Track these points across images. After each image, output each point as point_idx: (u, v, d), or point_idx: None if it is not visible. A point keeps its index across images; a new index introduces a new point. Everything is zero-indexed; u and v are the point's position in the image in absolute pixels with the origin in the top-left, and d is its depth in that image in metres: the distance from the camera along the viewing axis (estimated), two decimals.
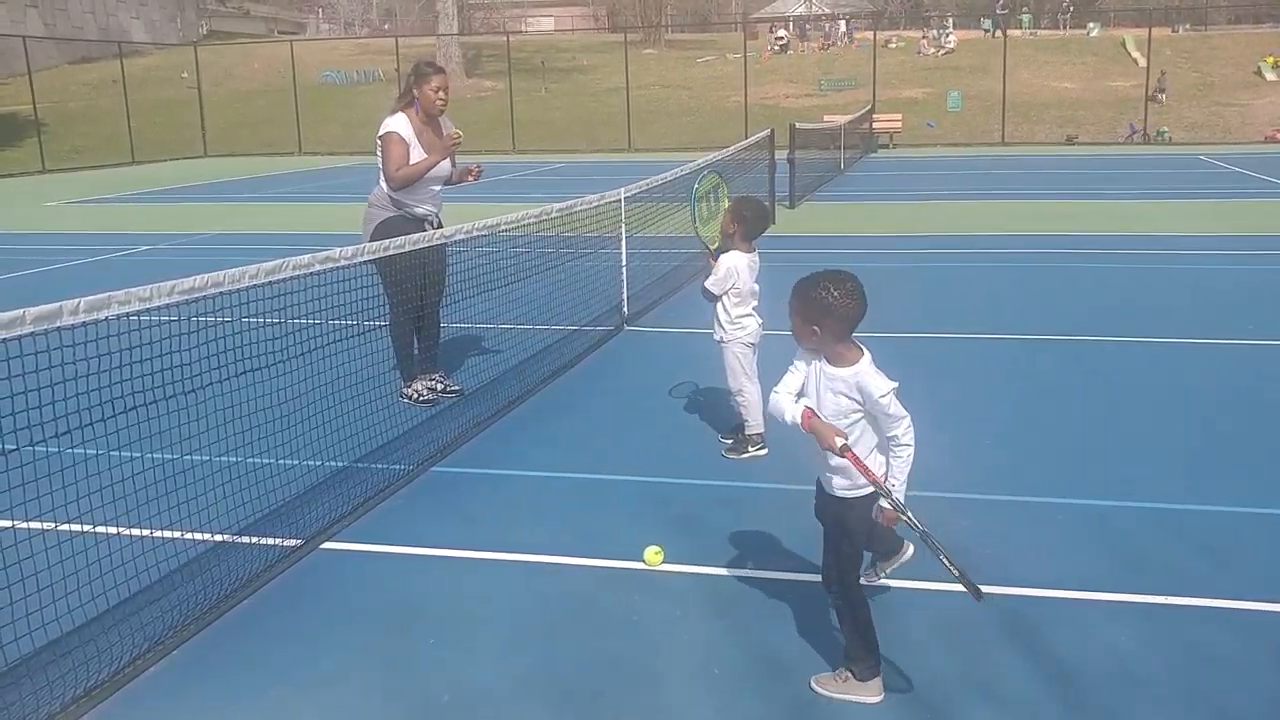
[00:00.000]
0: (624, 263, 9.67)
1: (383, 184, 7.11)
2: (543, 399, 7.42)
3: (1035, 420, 6.70)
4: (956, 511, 5.20)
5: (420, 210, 7.17)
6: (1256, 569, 4.61)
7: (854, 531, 3.74)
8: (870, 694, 3.71)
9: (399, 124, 7.00)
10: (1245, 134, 35.08)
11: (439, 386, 7.36)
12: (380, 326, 6.92)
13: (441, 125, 7.22)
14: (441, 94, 7.04)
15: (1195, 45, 46.02)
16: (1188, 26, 51.55)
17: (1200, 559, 4.72)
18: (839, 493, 3.73)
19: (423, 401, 7.21)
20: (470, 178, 7.47)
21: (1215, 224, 15.66)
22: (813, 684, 3.78)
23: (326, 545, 5.05)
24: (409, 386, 7.28)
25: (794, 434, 6.30)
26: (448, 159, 7.25)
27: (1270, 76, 40.76)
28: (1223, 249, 13.35)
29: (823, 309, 3.58)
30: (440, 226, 7.13)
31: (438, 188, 7.30)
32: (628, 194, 9.82)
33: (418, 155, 7.01)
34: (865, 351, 3.64)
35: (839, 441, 3.53)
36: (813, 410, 3.61)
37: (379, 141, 7.04)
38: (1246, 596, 4.35)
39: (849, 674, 3.75)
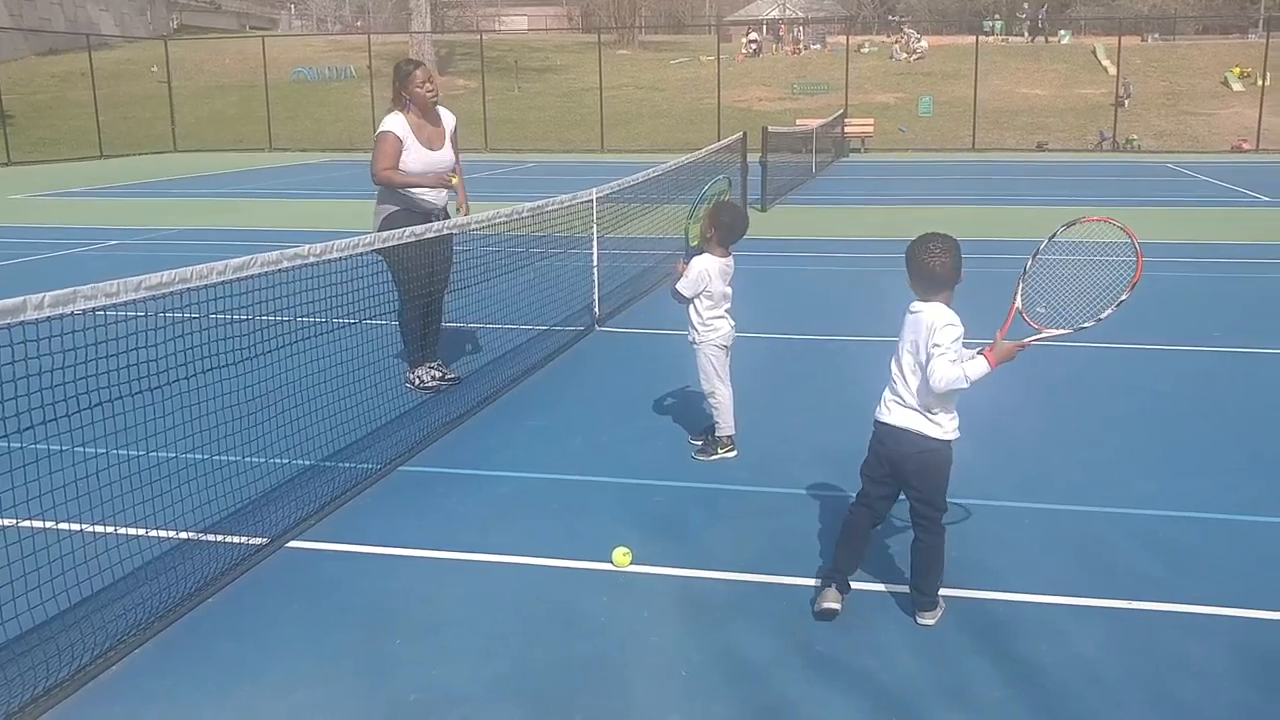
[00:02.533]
0: (595, 263, 9.66)
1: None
2: (512, 399, 7.40)
3: (1001, 425, 6.73)
4: None
5: (426, 204, 7.37)
6: (1222, 575, 4.65)
7: None
8: (820, 599, 4.24)
9: (394, 123, 7.22)
10: (1212, 143, 35.46)
11: (439, 375, 7.56)
12: (348, 325, 6.88)
13: (440, 115, 7.45)
14: (428, 86, 7.28)
15: (1164, 55, 46.54)
16: (1157, 36, 52.10)
17: (1167, 565, 4.76)
18: None
19: (426, 388, 7.39)
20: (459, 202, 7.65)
21: (1184, 231, 15.81)
22: None
23: (293, 544, 5.01)
24: (413, 373, 7.47)
25: (764, 437, 6.34)
26: (450, 151, 7.47)
27: (1237, 87, 41.26)
28: (1191, 256, 13.48)
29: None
30: (446, 218, 7.42)
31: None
32: (600, 194, 9.81)
33: (413, 152, 7.23)
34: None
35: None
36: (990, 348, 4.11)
37: (375, 139, 7.26)
38: (1212, 602, 4.39)
39: None
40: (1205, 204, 19.82)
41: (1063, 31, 52.73)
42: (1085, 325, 4.16)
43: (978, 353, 4.07)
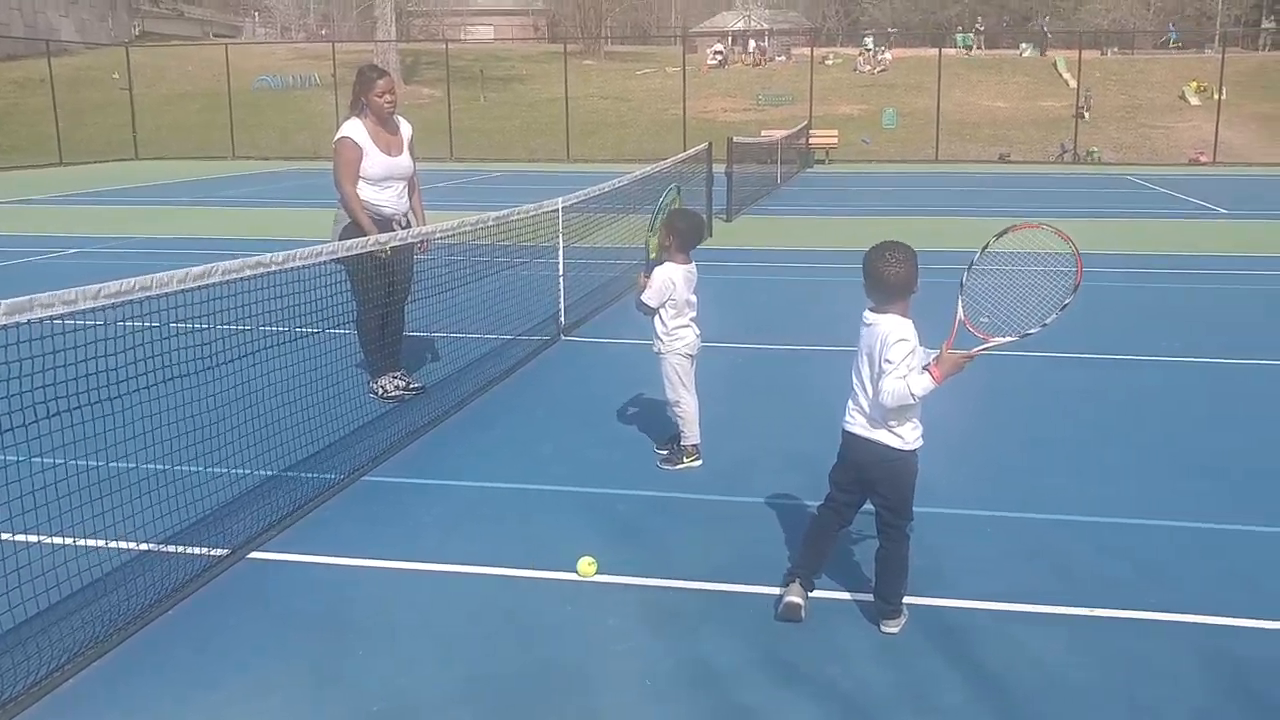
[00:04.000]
0: (561, 272, 9.65)
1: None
2: (477, 408, 7.38)
3: (961, 433, 6.78)
4: None
5: (386, 210, 7.33)
6: (1181, 581, 4.71)
7: None
8: (784, 594, 4.30)
9: (353, 129, 7.19)
10: (1170, 155, 35.96)
11: (402, 384, 7.49)
12: (311, 334, 6.85)
13: (398, 125, 7.43)
14: (388, 97, 7.24)
15: (1123, 69, 47.12)
16: (1116, 50, 52.77)
17: (1126, 571, 4.81)
18: None
19: (390, 398, 7.35)
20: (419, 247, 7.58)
21: (1143, 243, 16.01)
22: None
23: (254, 555, 4.96)
24: (376, 382, 7.43)
25: (729, 446, 6.36)
26: (409, 158, 7.43)
27: (1194, 101, 41.86)
28: (1150, 267, 13.64)
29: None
30: (408, 226, 7.37)
31: (401, 185, 7.43)
32: (565, 204, 9.81)
33: (373, 157, 7.19)
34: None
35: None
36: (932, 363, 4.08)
37: (334, 147, 7.21)
38: (1174, 609, 4.44)
39: None
40: (1164, 216, 20.07)
41: (1024, 44, 53.28)
42: (1031, 332, 4.19)
43: (924, 367, 4.09)
